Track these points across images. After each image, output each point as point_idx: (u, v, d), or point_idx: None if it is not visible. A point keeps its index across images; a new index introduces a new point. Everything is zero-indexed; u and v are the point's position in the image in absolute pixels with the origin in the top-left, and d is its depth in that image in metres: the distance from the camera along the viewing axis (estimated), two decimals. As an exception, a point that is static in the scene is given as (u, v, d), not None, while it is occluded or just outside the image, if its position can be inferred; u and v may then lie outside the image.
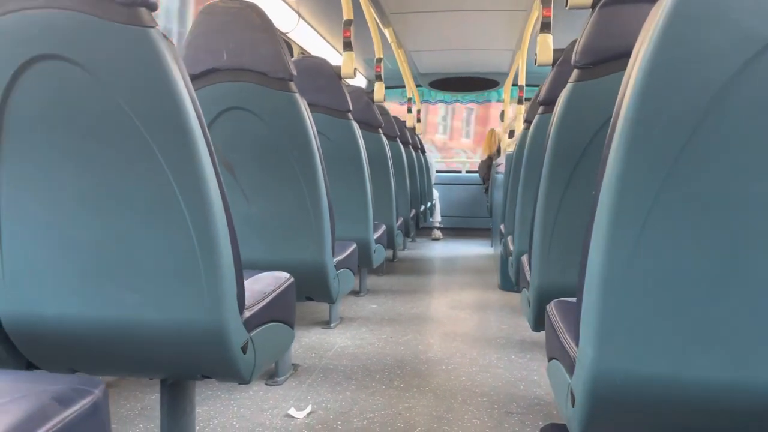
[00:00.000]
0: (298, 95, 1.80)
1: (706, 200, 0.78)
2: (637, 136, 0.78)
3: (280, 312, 1.35)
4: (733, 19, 0.73)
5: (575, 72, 1.43)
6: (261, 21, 1.73)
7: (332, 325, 2.67)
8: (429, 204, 6.13)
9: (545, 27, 2.41)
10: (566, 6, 1.44)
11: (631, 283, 0.81)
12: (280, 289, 1.37)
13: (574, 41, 1.73)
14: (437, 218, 6.77)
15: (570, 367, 0.96)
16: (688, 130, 0.76)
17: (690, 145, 0.76)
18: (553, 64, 2.07)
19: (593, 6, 1.41)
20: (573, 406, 0.93)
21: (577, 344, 0.93)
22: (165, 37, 1.00)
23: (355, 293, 3.36)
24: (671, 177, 0.78)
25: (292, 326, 1.44)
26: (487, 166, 6.49)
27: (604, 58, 1.36)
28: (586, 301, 0.87)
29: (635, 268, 0.81)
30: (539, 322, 1.61)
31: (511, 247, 2.44)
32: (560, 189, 1.48)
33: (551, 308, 1.22)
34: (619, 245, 0.81)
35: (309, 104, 1.88)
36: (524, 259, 1.91)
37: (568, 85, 1.44)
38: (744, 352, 0.80)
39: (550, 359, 1.18)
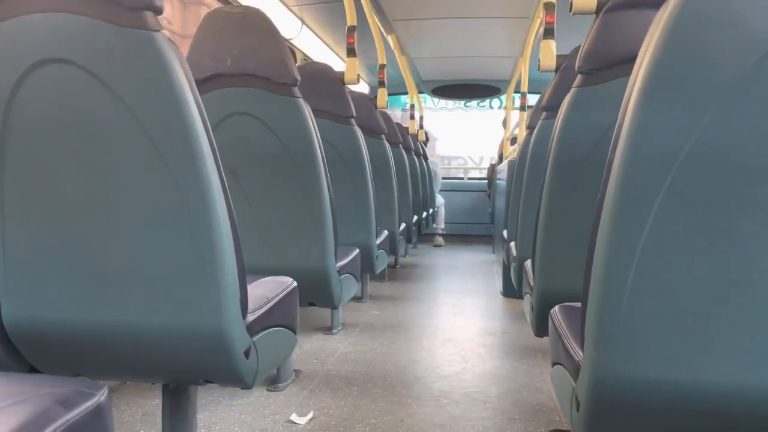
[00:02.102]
0: (302, 100, 1.80)
1: (711, 205, 0.78)
2: (641, 140, 0.78)
3: (283, 317, 1.35)
4: (740, 21, 0.73)
5: (579, 77, 1.43)
6: (265, 26, 1.74)
7: (334, 330, 2.66)
8: (431, 210, 6.13)
9: (548, 33, 2.41)
10: (570, 11, 1.44)
11: (635, 288, 0.81)
12: (283, 294, 1.36)
13: (578, 47, 1.73)
14: (440, 225, 6.76)
15: (575, 372, 0.96)
16: (693, 134, 0.76)
17: (695, 149, 0.76)
18: (556, 70, 2.07)
19: (597, 12, 1.41)
20: (578, 411, 0.92)
21: (581, 349, 0.93)
22: (171, 41, 1.00)
23: (357, 299, 3.36)
24: (676, 182, 0.77)
25: (294, 331, 1.43)
26: (493, 171, 6.48)
27: (608, 64, 1.36)
28: (591, 306, 0.86)
29: (639, 272, 0.80)
30: (542, 327, 1.61)
31: (514, 253, 2.44)
32: (564, 193, 1.48)
33: (555, 313, 1.22)
34: (622, 249, 0.81)
35: (312, 110, 1.88)
36: (527, 264, 1.91)
37: (572, 90, 1.44)
38: (749, 355, 0.80)
39: (554, 364, 1.17)
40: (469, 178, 7.97)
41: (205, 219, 1.04)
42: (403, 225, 3.83)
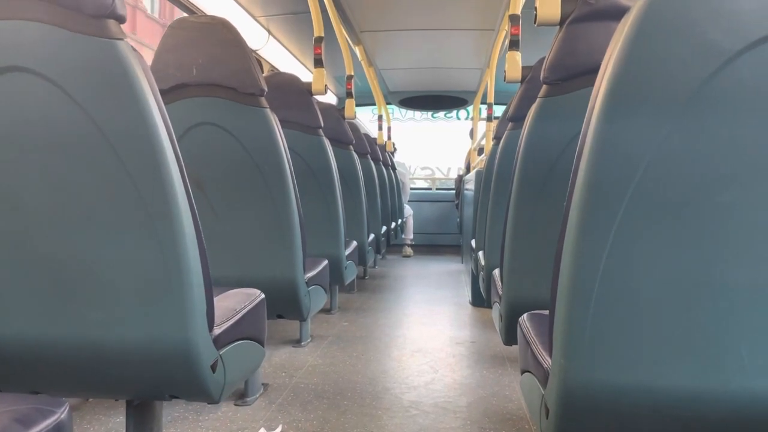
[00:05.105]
0: (269, 110, 1.79)
1: (674, 212, 0.79)
2: (605, 149, 0.80)
3: (250, 329, 1.33)
4: (697, 32, 0.75)
5: (544, 87, 1.45)
6: (231, 36, 1.72)
7: (303, 343, 2.64)
8: (400, 221, 6.14)
9: (514, 45, 2.45)
10: (535, 23, 1.47)
11: (601, 294, 0.82)
12: (251, 306, 1.34)
13: (542, 58, 1.76)
14: (409, 235, 6.76)
15: (543, 379, 0.96)
16: (654, 142, 0.78)
17: (657, 157, 0.78)
18: (522, 81, 2.10)
19: (561, 23, 1.44)
20: (547, 418, 0.93)
21: (550, 356, 0.93)
22: (134, 49, 0.99)
23: (326, 311, 3.33)
24: (639, 189, 0.79)
25: (262, 344, 1.41)
26: (461, 181, 6.53)
27: (573, 74, 1.39)
28: (558, 313, 0.87)
29: (605, 279, 0.81)
30: (511, 335, 1.62)
31: (482, 262, 2.45)
32: (531, 202, 1.49)
33: (524, 321, 1.22)
34: (588, 257, 0.82)
35: (280, 120, 1.87)
36: (496, 273, 1.92)
37: (537, 101, 1.47)
38: (715, 360, 0.81)
39: (523, 372, 1.18)
40: (437, 189, 8.01)
41: (169, 229, 1.02)
42: (371, 236, 3.83)
